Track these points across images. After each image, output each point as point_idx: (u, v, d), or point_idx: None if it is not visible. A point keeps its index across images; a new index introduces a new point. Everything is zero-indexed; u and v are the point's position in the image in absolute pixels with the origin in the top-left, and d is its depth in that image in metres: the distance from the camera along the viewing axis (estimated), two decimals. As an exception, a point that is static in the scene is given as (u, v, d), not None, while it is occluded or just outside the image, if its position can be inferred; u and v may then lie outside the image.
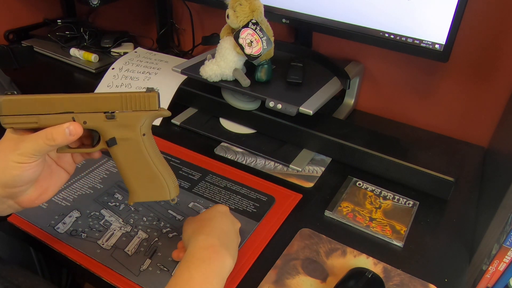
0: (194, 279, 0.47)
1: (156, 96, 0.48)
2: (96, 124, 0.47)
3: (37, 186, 0.48)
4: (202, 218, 0.56)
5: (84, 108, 0.46)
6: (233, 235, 0.56)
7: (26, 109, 0.45)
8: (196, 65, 0.84)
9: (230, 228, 0.56)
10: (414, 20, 0.73)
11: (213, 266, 0.49)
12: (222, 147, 0.82)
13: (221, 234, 0.53)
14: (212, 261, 0.49)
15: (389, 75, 0.94)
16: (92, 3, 1.01)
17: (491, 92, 0.83)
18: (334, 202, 0.70)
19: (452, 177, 0.69)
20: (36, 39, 1.20)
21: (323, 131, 0.78)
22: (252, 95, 0.77)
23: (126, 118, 0.47)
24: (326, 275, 0.58)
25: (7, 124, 0.45)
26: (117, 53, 1.14)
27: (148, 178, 0.49)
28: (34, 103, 0.45)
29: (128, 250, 0.59)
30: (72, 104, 0.46)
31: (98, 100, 0.47)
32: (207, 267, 0.49)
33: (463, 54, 0.82)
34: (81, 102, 0.46)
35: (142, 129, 0.48)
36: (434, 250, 0.63)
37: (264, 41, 0.74)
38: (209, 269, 0.49)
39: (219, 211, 0.57)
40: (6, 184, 0.45)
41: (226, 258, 0.50)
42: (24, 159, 0.43)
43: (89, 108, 0.46)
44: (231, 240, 0.54)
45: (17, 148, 0.43)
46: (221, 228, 0.54)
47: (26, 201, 0.48)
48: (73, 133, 0.45)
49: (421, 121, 0.93)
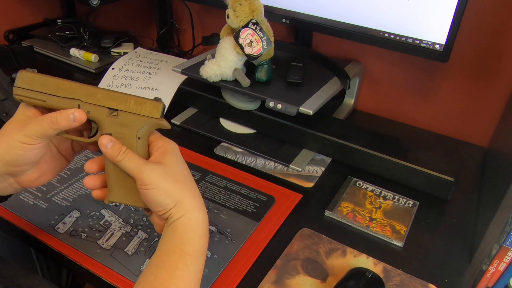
0: (191, 279, 0.45)
1: (161, 106, 0.50)
2: (98, 117, 0.49)
3: (38, 168, 0.50)
4: (174, 172, 0.49)
5: (91, 99, 0.48)
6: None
7: (38, 86, 0.47)
8: (196, 65, 0.84)
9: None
10: (414, 20, 0.73)
11: (205, 255, 0.48)
12: (222, 147, 0.82)
13: (198, 193, 0.50)
14: (206, 249, 0.48)
15: (389, 75, 0.94)
16: (92, 3, 1.01)
17: (491, 92, 0.83)
18: (334, 202, 0.70)
19: (452, 177, 0.69)
20: (36, 39, 1.20)
21: (323, 131, 0.78)
22: (252, 95, 0.77)
23: (127, 118, 0.49)
24: (326, 275, 0.58)
25: (18, 96, 0.47)
26: (117, 53, 1.14)
27: (129, 181, 0.49)
28: (47, 82, 0.47)
29: (128, 250, 0.59)
30: (82, 92, 0.48)
31: (106, 95, 0.49)
32: (203, 259, 0.47)
33: (463, 54, 0.82)
34: (90, 93, 0.48)
35: (139, 132, 0.49)
36: (434, 250, 0.63)
37: (264, 41, 0.74)
38: (203, 259, 0.47)
39: (178, 155, 0.52)
40: (9, 162, 0.47)
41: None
42: (28, 140, 0.46)
43: (96, 100, 0.48)
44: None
45: (23, 130, 0.46)
46: (193, 181, 0.51)
47: (26, 181, 0.50)
48: (77, 119, 0.47)
49: (421, 121, 0.93)
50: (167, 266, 0.44)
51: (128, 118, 0.49)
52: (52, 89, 0.47)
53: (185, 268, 0.44)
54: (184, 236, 0.46)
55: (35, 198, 0.67)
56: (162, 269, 0.44)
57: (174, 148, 0.51)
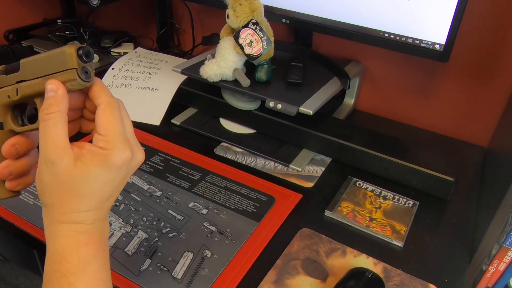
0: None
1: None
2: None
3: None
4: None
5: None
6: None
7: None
8: (196, 65, 0.84)
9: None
10: (414, 20, 0.73)
11: (98, 258, 0.40)
12: (222, 147, 0.82)
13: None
14: (96, 253, 0.40)
15: (389, 75, 0.94)
16: (92, 3, 1.01)
17: (491, 92, 0.83)
18: (334, 202, 0.70)
19: (452, 177, 0.69)
20: (36, 39, 1.20)
21: (323, 131, 0.78)
22: (252, 95, 0.77)
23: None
24: (326, 275, 0.58)
25: None
26: (117, 53, 1.14)
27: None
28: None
29: (128, 250, 0.59)
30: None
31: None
32: (96, 266, 0.39)
33: (463, 54, 0.82)
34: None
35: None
36: (434, 250, 0.63)
37: (264, 41, 0.74)
38: (95, 266, 0.39)
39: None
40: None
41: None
42: None
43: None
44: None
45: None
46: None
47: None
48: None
49: (421, 121, 0.93)
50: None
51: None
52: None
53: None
54: (56, 254, 0.39)
55: (35, 198, 0.67)
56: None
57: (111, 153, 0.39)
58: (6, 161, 0.44)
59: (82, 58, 0.39)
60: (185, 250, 0.60)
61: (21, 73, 0.41)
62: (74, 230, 0.39)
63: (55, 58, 0.39)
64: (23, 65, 0.41)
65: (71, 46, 0.39)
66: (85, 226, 0.39)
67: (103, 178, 0.39)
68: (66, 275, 0.38)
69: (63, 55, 0.39)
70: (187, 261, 0.58)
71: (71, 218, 0.39)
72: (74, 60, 0.39)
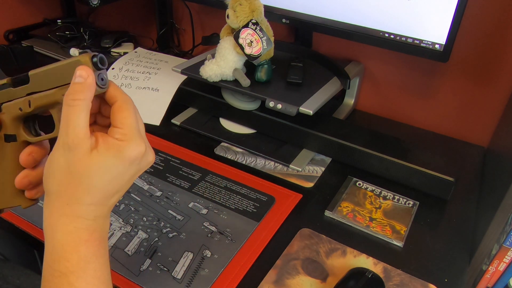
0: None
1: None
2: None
3: None
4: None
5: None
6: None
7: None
8: (196, 65, 0.84)
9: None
10: (414, 20, 0.73)
11: (99, 256, 0.39)
12: (222, 147, 0.82)
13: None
14: (96, 251, 0.39)
15: (389, 75, 0.94)
16: (92, 3, 1.01)
17: (491, 92, 0.83)
18: (334, 202, 0.70)
19: (452, 177, 0.69)
20: (36, 39, 1.20)
21: (323, 131, 0.78)
22: (252, 95, 0.77)
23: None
24: (326, 275, 0.58)
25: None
26: (117, 53, 1.14)
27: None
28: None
29: (128, 250, 0.59)
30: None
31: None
32: (96, 263, 0.39)
33: (463, 54, 0.82)
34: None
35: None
36: (434, 250, 0.63)
37: (264, 41, 0.74)
38: (96, 264, 0.39)
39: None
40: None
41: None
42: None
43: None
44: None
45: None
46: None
47: None
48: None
49: (421, 121, 0.93)
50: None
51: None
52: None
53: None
54: (54, 251, 0.38)
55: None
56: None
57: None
58: (23, 171, 0.44)
59: (97, 65, 0.39)
60: (185, 250, 0.60)
61: (32, 85, 0.41)
62: (75, 226, 0.38)
63: (69, 68, 0.39)
64: (33, 77, 0.41)
65: (85, 55, 0.39)
66: (86, 222, 0.38)
67: (114, 170, 0.38)
68: (66, 274, 0.37)
69: (78, 64, 0.39)
70: (187, 261, 0.58)
71: (73, 211, 0.38)
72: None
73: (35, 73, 0.41)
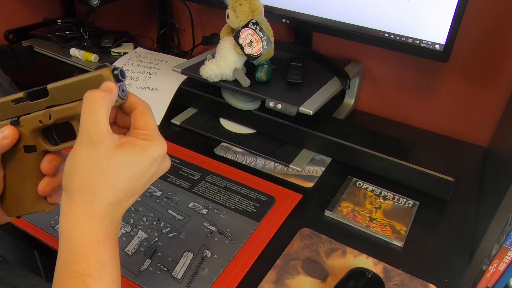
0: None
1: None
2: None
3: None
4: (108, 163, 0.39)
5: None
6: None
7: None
8: (196, 65, 0.84)
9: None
10: (414, 20, 0.73)
11: (113, 260, 0.40)
12: (222, 147, 0.82)
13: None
14: (112, 256, 0.39)
15: (389, 75, 0.94)
16: (92, 3, 1.01)
17: (491, 92, 0.83)
18: (334, 202, 0.70)
19: (452, 177, 0.69)
20: (36, 39, 1.20)
21: (323, 131, 0.78)
22: (252, 95, 0.77)
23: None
24: (326, 275, 0.58)
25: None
26: (117, 53, 1.14)
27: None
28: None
29: (128, 250, 0.59)
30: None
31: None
32: (111, 269, 0.39)
33: (463, 54, 0.82)
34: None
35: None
36: (434, 250, 0.63)
37: (264, 41, 0.74)
38: (111, 269, 0.39)
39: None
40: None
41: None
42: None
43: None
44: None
45: None
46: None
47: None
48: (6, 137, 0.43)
49: (421, 121, 0.93)
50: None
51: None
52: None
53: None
54: (73, 251, 0.38)
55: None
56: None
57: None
58: (45, 178, 0.45)
59: (118, 77, 0.40)
60: (185, 250, 0.60)
61: (51, 99, 0.42)
62: (95, 226, 0.38)
63: (90, 82, 0.40)
64: (52, 91, 0.42)
65: (106, 69, 0.40)
66: (105, 223, 0.39)
67: (137, 168, 0.39)
68: (83, 275, 0.37)
69: (100, 78, 0.40)
70: (187, 261, 0.58)
71: (94, 210, 0.38)
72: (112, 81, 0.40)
73: (54, 87, 0.42)
